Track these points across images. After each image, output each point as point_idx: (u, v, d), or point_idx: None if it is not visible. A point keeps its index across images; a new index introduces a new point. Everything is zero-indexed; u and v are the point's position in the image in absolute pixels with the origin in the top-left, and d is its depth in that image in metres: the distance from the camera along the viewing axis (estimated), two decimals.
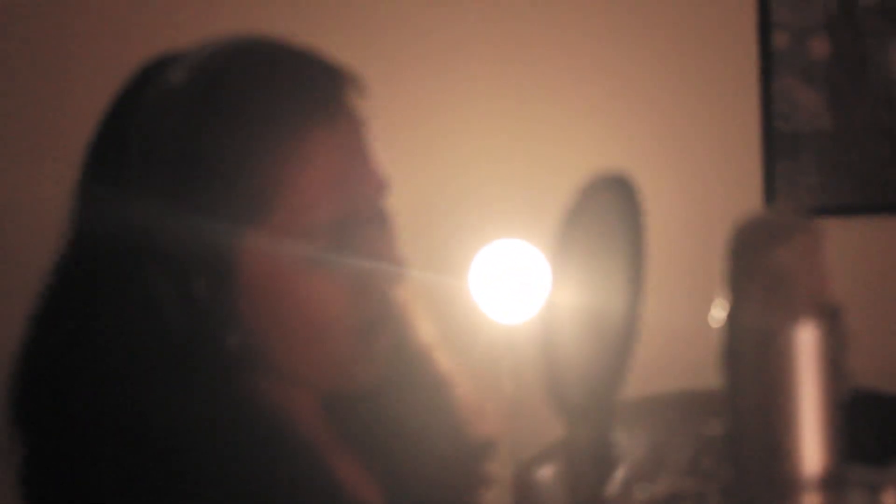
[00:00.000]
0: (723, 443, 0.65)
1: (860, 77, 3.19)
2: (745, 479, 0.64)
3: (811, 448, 0.63)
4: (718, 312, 0.64)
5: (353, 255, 0.94)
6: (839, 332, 0.63)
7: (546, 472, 2.88)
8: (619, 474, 0.66)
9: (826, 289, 0.62)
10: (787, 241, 0.62)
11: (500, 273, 2.66)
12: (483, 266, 2.68)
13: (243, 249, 0.92)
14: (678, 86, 3.19)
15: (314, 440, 0.98)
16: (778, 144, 3.20)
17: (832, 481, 0.63)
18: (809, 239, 0.62)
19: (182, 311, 0.91)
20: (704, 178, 3.01)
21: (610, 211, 0.67)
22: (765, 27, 3.20)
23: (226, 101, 0.92)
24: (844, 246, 2.92)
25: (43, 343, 0.94)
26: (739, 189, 3.18)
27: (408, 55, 2.89)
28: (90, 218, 0.95)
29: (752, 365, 0.63)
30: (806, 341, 0.62)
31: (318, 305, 0.94)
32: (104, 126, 0.97)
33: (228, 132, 0.92)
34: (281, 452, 0.92)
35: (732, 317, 0.63)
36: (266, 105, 0.93)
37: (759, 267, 0.62)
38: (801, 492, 0.63)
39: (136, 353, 0.90)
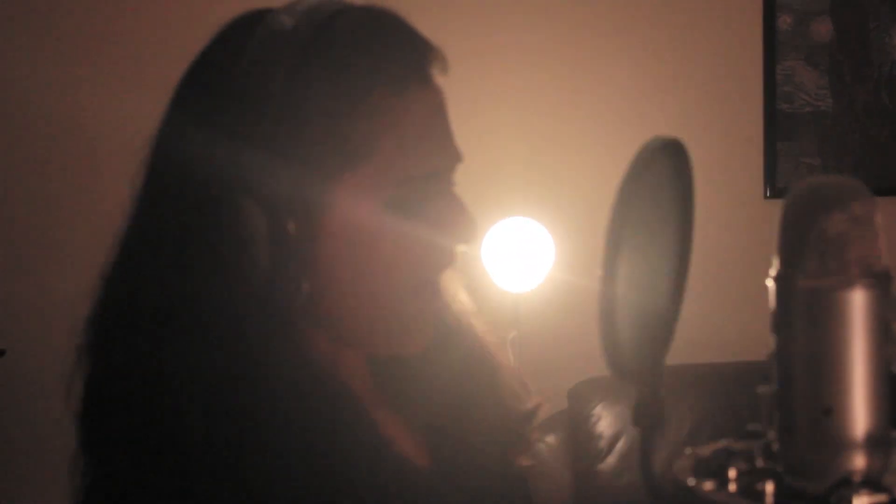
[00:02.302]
0: (771, 404, 0.67)
1: (862, 60, 3.21)
2: (794, 438, 0.66)
3: (859, 409, 0.64)
4: (771, 274, 0.66)
5: (432, 215, 0.97)
6: (890, 297, 0.64)
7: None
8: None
9: (879, 254, 0.64)
10: (842, 208, 0.64)
11: (510, 247, 2.84)
12: (494, 240, 2.84)
13: (335, 195, 0.94)
14: (684, 66, 3.21)
15: (362, 397, 0.99)
16: (780, 125, 3.22)
17: (879, 442, 0.65)
18: (864, 206, 0.64)
19: (271, 250, 0.92)
20: (708, 156, 3.03)
21: (665, 179, 0.68)
22: (770, 9, 3.21)
23: (333, 48, 0.95)
24: None
25: (125, 288, 0.96)
26: (741, 167, 3.20)
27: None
28: (178, 154, 0.96)
29: (804, 327, 0.65)
30: (858, 305, 0.64)
31: (392, 257, 0.96)
32: (201, 65, 0.98)
33: (333, 79, 0.94)
34: (330, 406, 0.93)
35: (785, 279, 0.65)
36: (370, 57, 0.95)
37: (814, 232, 0.64)
38: (848, 452, 0.64)
39: (225, 289, 0.91)
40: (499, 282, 2.85)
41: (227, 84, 0.95)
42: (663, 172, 0.68)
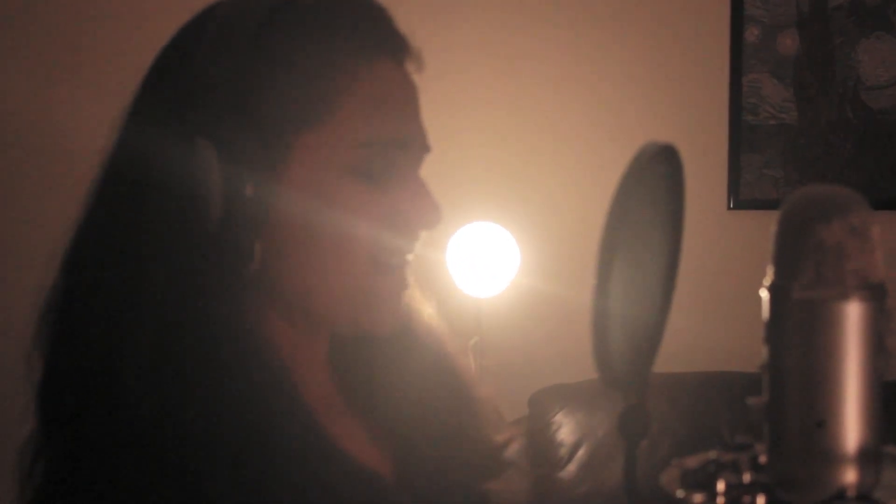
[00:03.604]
0: (761, 415, 0.66)
1: (827, 74, 3.22)
2: (784, 451, 0.65)
3: (852, 422, 0.64)
4: (766, 284, 0.65)
5: (394, 191, 0.95)
6: (885, 309, 0.64)
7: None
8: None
9: (875, 266, 0.63)
10: (839, 218, 0.63)
11: (474, 251, 2.82)
12: (458, 244, 2.83)
13: (293, 153, 0.93)
14: (650, 75, 3.21)
15: (317, 398, 0.97)
16: (745, 136, 3.23)
17: (871, 456, 0.64)
18: (861, 216, 0.63)
19: (225, 206, 0.90)
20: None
21: (660, 184, 0.67)
22: (737, 21, 3.22)
23: (303, 9, 0.95)
24: None
25: (89, 230, 0.95)
26: (705, 178, 3.21)
27: None
28: (147, 103, 0.96)
29: (798, 338, 0.64)
30: (854, 317, 0.63)
31: (353, 227, 0.94)
32: (163, 53, 0.98)
33: (302, 34, 0.94)
34: (264, 383, 0.91)
35: (780, 289, 0.64)
36: (343, 23, 0.95)
37: (810, 242, 0.63)
38: (840, 465, 0.64)
39: (176, 237, 0.90)
40: (462, 287, 2.84)
41: (189, 59, 0.94)
42: (659, 178, 0.66)
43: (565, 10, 3.23)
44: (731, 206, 3.23)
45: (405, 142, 0.97)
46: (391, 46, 0.98)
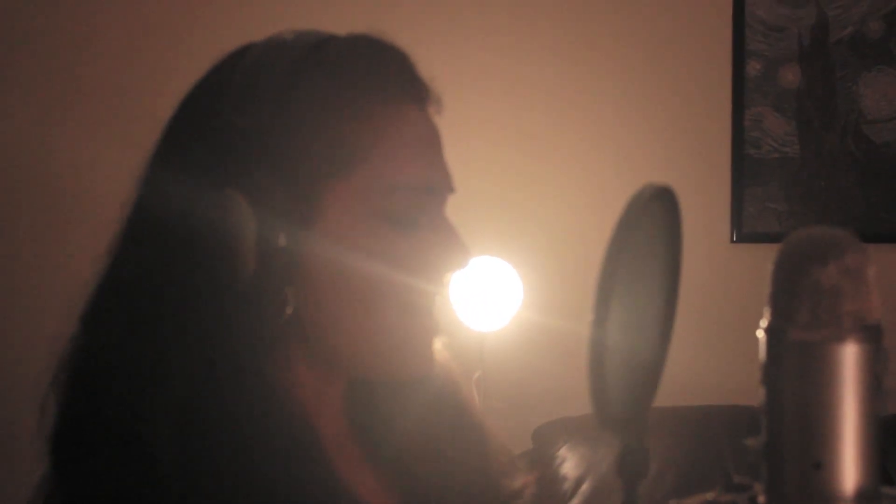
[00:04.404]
0: (758, 456, 0.66)
1: (829, 107, 3.23)
2: (782, 492, 0.65)
3: (849, 464, 0.64)
4: (762, 326, 0.65)
5: (424, 234, 0.95)
6: (882, 350, 0.64)
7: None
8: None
9: (871, 307, 0.63)
10: (835, 259, 0.63)
11: (477, 286, 2.83)
12: (462, 278, 2.80)
13: (326, 203, 0.93)
14: (652, 110, 3.22)
15: (333, 446, 0.97)
16: (747, 170, 3.24)
17: (869, 497, 0.64)
18: (857, 257, 0.63)
19: (258, 258, 0.90)
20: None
21: (658, 226, 0.67)
22: (739, 55, 3.24)
23: (333, 57, 0.95)
24: None
25: (116, 275, 0.94)
26: (708, 211, 3.21)
27: None
28: (179, 152, 0.95)
29: (795, 379, 0.64)
30: (850, 359, 0.63)
31: (384, 272, 0.94)
32: (189, 100, 0.98)
33: (331, 83, 0.94)
34: (288, 442, 0.91)
35: (776, 331, 0.64)
36: (369, 71, 0.96)
37: (806, 283, 0.63)
38: None
39: (206, 289, 0.90)
40: (465, 321, 2.85)
41: (218, 107, 0.94)
42: (656, 220, 0.67)
43: (568, 45, 3.24)
44: (734, 239, 3.24)
45: (432, 185, 0.98)
46: (415, 92, 0.99)
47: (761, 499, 0.66)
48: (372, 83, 0.95)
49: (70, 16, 3.31)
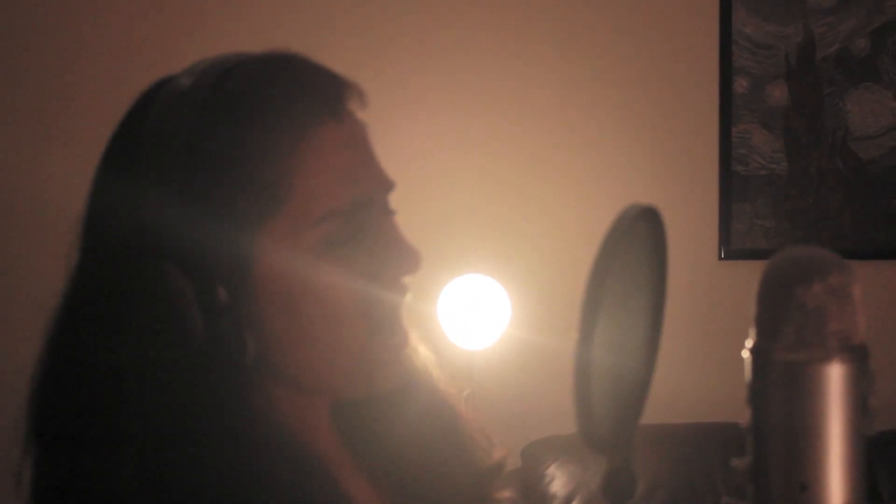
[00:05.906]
0: (746, 476, 0.66)
1: (816, 124, 3.24)
2: None
3: (835, 485, 0.63)
4: (747, 346, 0.65)
5: (366, 245, 0.95)
6: (868, 370, 0.63)
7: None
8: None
9: (856, 327, 0.63)
10: (820, 280, 0.63)
11: (465, 304, 2.84)
12: (450, 296, 2.84)
13: (259, 246, 0.92)
14: (640, 127, 3.23)
15: (326, 459, 0.97)
16: (735, 187, 3.24)
17: None
18: (842, 277, 0.63)
19: (203, 317, 0.90)
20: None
21: (642, 246, 0.67)
22: (726, 72, 3.25)
23: (233, 96, 0.93)
24: None
25: (63, 352, 0.93)
26: (696, 229, 3.21)
27: (393, 93, 2.90)
28: (107, 221, 0.94)
29: (781, 400, 0.64)
30: (836, 379, 0.63)
31: (335, 298, 0.93)
32: (118, 133, 0.97)
33: (237, 126, 0.92)
34: (294, 471, 0.91)
35: (762, 351, 0.64)
36: (273, 101, 0.93)
37: (791, 303, 0.63)
38: None
39: (158, 361, 0.89)
40: (454, 339, 2.84)
41: (135, 151, 0.93)
42: (641, 240, 0.67)
43: (557, 63, 3.25)
44: (723, 256, 3.24)
45: (362, 201, 0.95)
46: (328, 104, 0.96)
47: None
48: (279, 111, 0.93)
49: (57, 29, 3.30)
